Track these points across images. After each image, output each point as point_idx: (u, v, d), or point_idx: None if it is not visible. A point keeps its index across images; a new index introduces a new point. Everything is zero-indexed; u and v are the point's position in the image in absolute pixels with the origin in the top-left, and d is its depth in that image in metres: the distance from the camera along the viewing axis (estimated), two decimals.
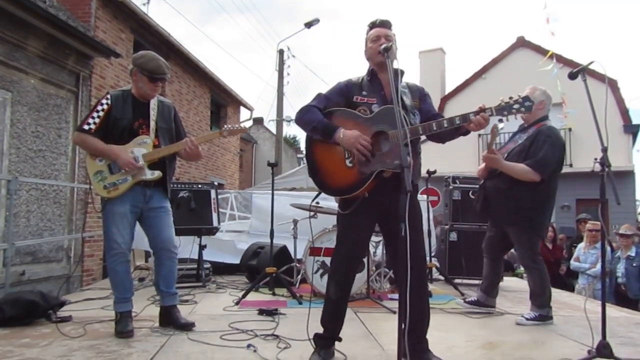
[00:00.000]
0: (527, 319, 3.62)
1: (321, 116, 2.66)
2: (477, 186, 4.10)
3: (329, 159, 2.65)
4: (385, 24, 2.75)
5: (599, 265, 5.97)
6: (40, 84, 6.64)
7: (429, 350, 2.61)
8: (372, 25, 2.77)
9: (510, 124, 3.01)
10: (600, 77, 3.05)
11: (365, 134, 2.57)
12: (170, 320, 3.36)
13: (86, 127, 3.22)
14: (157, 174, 3.29)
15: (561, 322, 3.67)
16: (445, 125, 2.56)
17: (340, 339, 2.73)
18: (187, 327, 3.30)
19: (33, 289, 4.18)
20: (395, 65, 2.55)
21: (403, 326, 2.09)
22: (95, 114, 3.24)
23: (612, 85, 14.28)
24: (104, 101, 3.27)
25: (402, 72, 2.71)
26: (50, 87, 6.87)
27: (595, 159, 2.73)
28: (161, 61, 3.33)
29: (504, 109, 2.56)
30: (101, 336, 3.14)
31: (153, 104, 3.38)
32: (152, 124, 3.34)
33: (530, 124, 3.73)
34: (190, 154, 3.38)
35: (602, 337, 2.54)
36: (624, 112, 14.31)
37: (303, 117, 2.70)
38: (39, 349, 2.84)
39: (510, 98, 2.57)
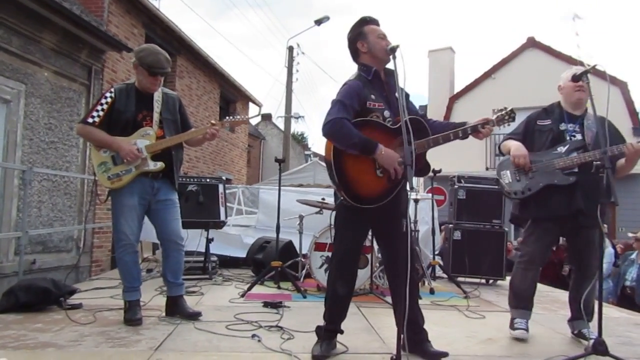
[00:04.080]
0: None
1: (357, 131, 2.57)
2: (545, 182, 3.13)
3: (360, 169, 2.62)
4: (378, 22, 2.81)
5: (604, 267, 6.01)
6: (53, 76, 6.76)
7: (429, 341, 2.69)
8: (369, 22, 2.79)
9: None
10: (609, 80, 3.06)
11: (391, 143, 2.63)
12: (177, 309, 3.45)
13: (90, 120, 3.28)
14: (160, 165, 3.34)
15: (561, 321, 3.71)
16: (460, 135, 2.72)
17: (342, 332, 2.80)
18: (194, 316, 3.39)
19: (45, 277, 4.29)
20: (391, 66, 2.64)
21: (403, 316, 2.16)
22: (99, 107, 3.30)
23: (622, 87, 14.20)
24: (107, 94, 3.33)
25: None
26: (63, 80, 6.99)
27: (596, 160, 2.78)
28: (161, 55, 3.34)
29: (501, 121, 2.80)
30: (110, 323, 3.24)
31: (157, 96, 3.42)
32: (156, 115, 3.38)
33: (584, 109, 3.30)
34: (207, 139, 3.47)
35: (598, 334, 2.60)
36: (634, 114, 14.24)
37: (339, 132, 2.56)
38: (52, 334, 2.94)
39: (500, 111, 2.82)
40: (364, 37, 2.76)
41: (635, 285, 6.21)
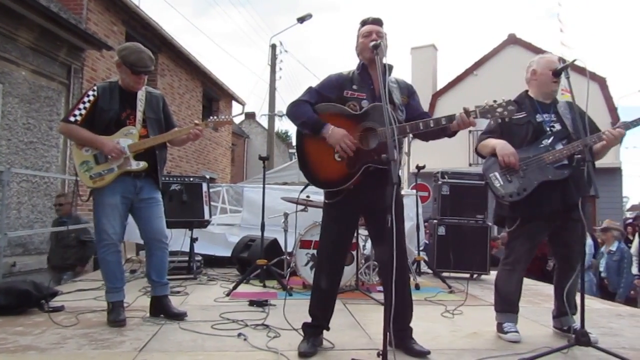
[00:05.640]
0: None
1: (311, 111, 2.71)
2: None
3: (319, 152, 2.71)
4: (377, 21, 2.83)
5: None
6: (31, 75, 6.63)
7: (413, 338, 2.71)
8: (364, 22, 2.84)
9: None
10: (589, 76, 3.07)
11: (354, 129, 2.66)
12: (161, 309, 3.41)
13: (72, 118, 3.24)
14: (143, 164, 3.31)
15: (545, 313, 3.75)
16: (432, 125, 2.64)
17: (328, 328, 2.80)
18: (179, 316, 3.35)
19: (25, 279, 4.21)
20: (384, 61, 2.63)
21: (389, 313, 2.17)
22: (81, 105, 3.26)
23: (601, 82, 14.44)
24: (90, 92, 3.29)
25: (391, 67, 2.79)
26: (42, 79, 6.86)
27: (576, 154, 2.81)
28: (144, 54, 3.31)
29: (487, 112, 2.63)
30: (94, 325, 3.19)
31: (140, 95, 3.39)
32: (139, 114, 3.35)
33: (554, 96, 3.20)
34: (190, 139, 3.45)
35: (581, 326, 2.63)
36: (613, 110, 14.48)
37: (293, 111, 2.76)
38: (33, 337, 2.89)
39: (495, 101, 2.63)
40: (357, 40, 2.86)
41: (606, 274, 6.36)
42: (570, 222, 3.02)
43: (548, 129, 3.06)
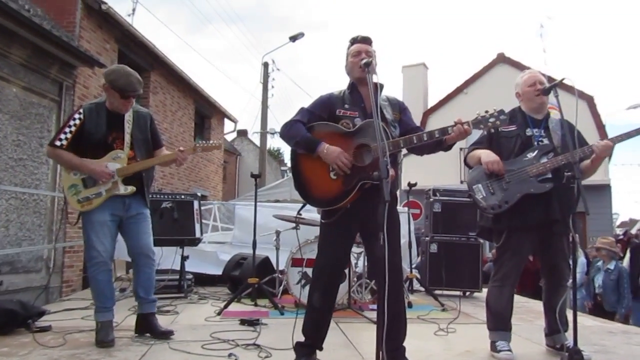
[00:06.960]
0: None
1: (304, 130, 2.72)
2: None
3: (314, 171, 2.71)
4: (366, 40, 2.84)
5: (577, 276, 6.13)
6: (22, 92, 6.60)
7: (406, 357, 2.67)
8: (354, 41, 2.86)
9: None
10: (577, 94, 3.10)
11: (347, 146, 2.66)
12: (147, 328, 3.36)
13: (58, 142, 3.21)
14: (131, 189, 3.28)
15: (537, 331, 3.74)
16: (425, 138, 2.64)
17: (321, 348, 2.77)
18: (166, 335, 3.31)
19: (12, 299, 4.13)
20: (375, 79, 2.65)
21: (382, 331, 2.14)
22: (67, 129, 3.22)
23: (589, 100, 14.65)
24: (76, 115, 3.26)
25: (382, 86, 2.81)
26: (33, 95, 6.83)
27: (567, 171, 2.83)
28: (133, 77, 3.27)
29: (480, 122, 2.64)
30: (81, 346, 3.13)
31: (128, 115, 3.36)
32: (127, 137, 3.32)
33: (545, 112, 3.24)
34: (178, 163, 3.42)
35: (574, 343, 2.62)
36: (601, 127, 14.68)
37: (287, 132, 2.77)
38: (18, 358, 2.83)
39: (487, 112, 2.64)
40: (346, 60, 2.88)
41: (602, 292, 6.36)
42: (554, 238, 3.04)
43: (536, 143, 3.10)
